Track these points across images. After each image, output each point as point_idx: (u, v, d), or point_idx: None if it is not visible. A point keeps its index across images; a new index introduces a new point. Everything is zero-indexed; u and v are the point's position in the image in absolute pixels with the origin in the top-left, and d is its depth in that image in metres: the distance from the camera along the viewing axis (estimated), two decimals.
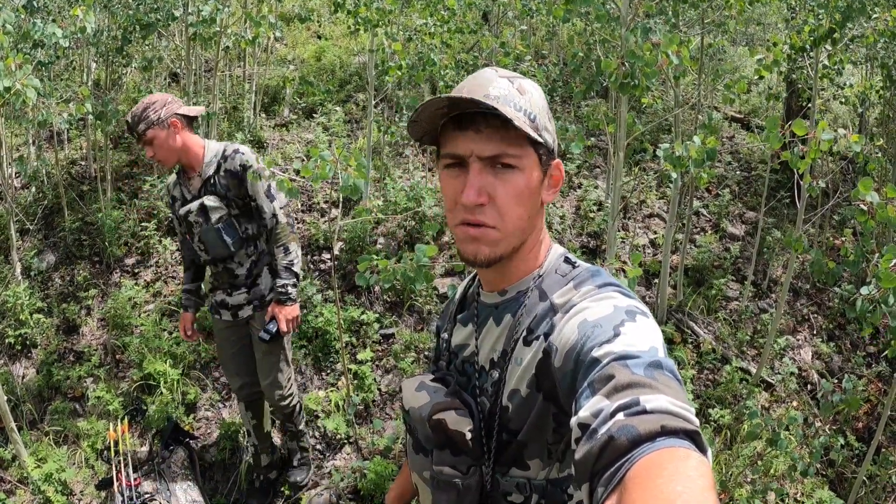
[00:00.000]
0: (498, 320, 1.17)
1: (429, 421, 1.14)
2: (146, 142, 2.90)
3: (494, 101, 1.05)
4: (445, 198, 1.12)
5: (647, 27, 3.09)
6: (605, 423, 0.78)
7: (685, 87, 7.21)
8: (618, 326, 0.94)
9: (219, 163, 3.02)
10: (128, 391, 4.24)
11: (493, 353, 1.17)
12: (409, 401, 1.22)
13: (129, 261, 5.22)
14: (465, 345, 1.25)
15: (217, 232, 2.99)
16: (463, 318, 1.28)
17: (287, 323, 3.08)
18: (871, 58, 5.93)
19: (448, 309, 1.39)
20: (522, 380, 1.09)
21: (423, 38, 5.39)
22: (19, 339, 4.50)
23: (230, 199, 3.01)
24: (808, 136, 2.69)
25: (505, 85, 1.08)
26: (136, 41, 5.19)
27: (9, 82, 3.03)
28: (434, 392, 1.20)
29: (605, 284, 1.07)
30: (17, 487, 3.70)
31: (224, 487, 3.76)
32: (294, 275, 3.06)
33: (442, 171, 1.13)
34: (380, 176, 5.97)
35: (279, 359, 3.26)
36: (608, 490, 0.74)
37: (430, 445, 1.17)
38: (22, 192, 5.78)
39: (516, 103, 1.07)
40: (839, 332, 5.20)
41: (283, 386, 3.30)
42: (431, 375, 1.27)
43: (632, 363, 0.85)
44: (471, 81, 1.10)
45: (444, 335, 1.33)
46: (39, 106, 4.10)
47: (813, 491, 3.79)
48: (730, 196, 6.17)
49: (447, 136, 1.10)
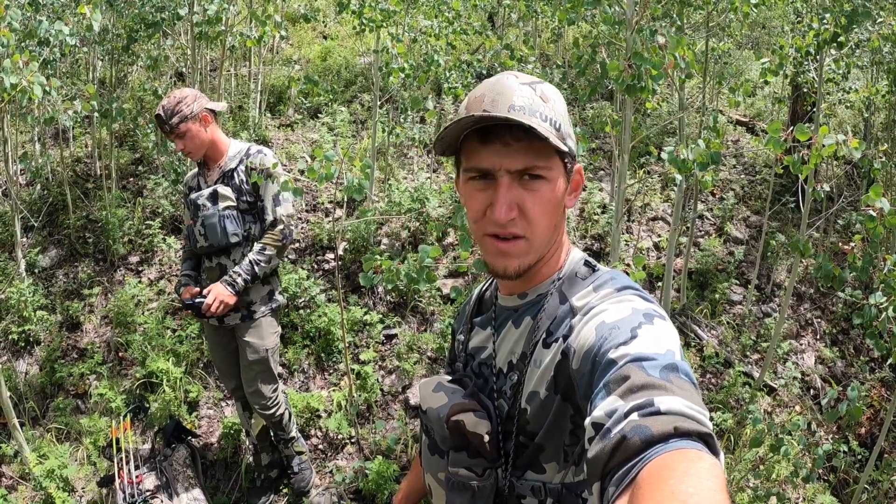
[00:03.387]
0: (517, 323, 1.17)
1: (447, 422, 1.14)
2: (178, 135, 2.98)
3: (520, 112, 1.03)
4: (470, 209, 1.11)
5: (653, 29, 3.09)
6: (619, 423, 0.79)
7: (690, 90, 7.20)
8: (635, 329, 0.93)
9: (241, 159, 3.10)
10: (130, 389, 4.24)
11: (512, 355, 1.16)
12: (427, 401, 1.21)
13: (133, 259, 5.23)
14: (483, 347, 1.24)
15: (220, 219, 3.04)
16: (481, 321, 1.28)
17: (216, 304, 3.01)
18: (877, 62, 5.91)
19: (464, 311, 1.38)
20: (541, 382, 1.08)
21: (428, 40, 5.39)
22: (23, 335, 4.50)
23: (243, 193, 3.07)
24: (810, 141, 2.68)
25: (528, 93, 1.06)
26: (142, 40, 5.20)
27: (15, 79, 3.03)
28: (452, 393, 1.20)
29: (625, 287, 1.07)
30: (19, 483, 3.70)
31: (225, 486, 3.76)
32: (252, 272, 3.04)
33: (465, 183, 1.11)
34: (384, 176, 5.97)
35: (262, 370, 3.25)
36: (619, 490, 0.74)
37: (446, 447, 1.17)
38: (27, 189, 5.79)
39: (542, 113, 1.05)
40: (842, 337, 5.19)
41: (266, 397, 3.29)
42: (448, 377, 1.27)
43: (647, 365, 0.85)
44: (491, 90, 1.07)
45: (460, 337, 1.32)
46: (45, 103, 4.10)
47: (815, 496, 3.78)
48: (734, 200, 6.16)
49: (471, 148, 1.09)
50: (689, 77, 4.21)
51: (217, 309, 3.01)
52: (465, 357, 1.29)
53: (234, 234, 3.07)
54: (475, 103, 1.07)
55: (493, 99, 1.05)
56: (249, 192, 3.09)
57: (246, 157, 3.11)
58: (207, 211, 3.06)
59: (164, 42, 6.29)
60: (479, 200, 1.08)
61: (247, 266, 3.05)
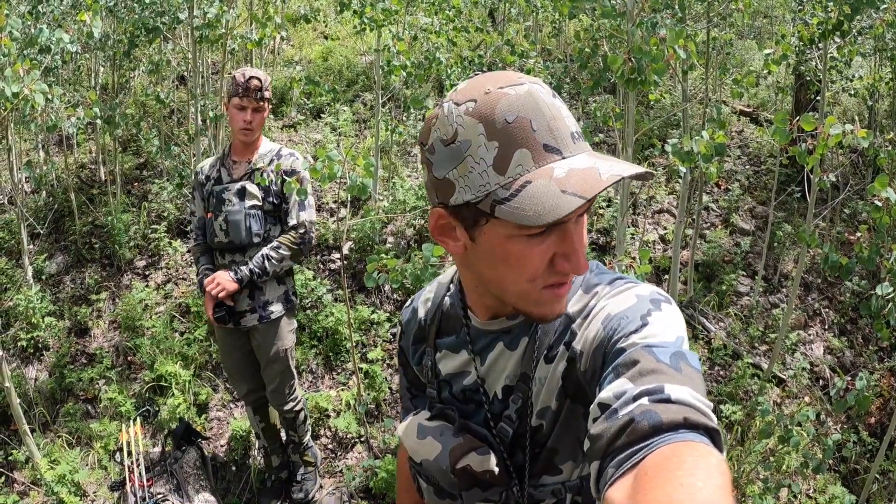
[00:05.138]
0: (512, 345, 1.09)
1: (453, 472, 1.07)
2: (259, 108, 3.02)
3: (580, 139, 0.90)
4: (524, 270, 0.92)
5: (653, 21, 3.08)
6: (628, 405, 0.78)
7: (693, 81, 7.17)
8: (645, 316, 0.92)
9: (272, 158, 3.11)
10: (139, 392, 4.26)
11: (508, 378, 1.09)
12: (419, 452, 1.13)
13: (140, 263, 5.25)
14: (463, 373, 1.15)
15: (245, 217, 3.04)
16: (450, 343, 1.17)
17: (214, 284, 3.03)
18: (880, 49, 5.88)
19: (410, 328, 1.28)
20: (550, 395, 1.04)
21: (428, 37, 5.39)
22: (31, 342, 4.52)
23: (270, 194, 3.08)
24: (816, 130, 2.67)
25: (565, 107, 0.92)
26: (143, 45, 5.21)
27: (17, 88, 3.04)
28: (441, 435, 1.12)
29: (615, 279, 1.05)
30: (31, 489, 3.72)
31: (236, 487, 3.78)
32: (262, 266, 3.05)
33: (512, 241, 0.91)
34: (388, 175, 5.97)
35: (282, 369, 3.26)
36: (619, 472, 0.74)
37: (456, 491, 1.10)
38: (32, 196, 5.81)
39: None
40: (851, 327, 5.16)
41: (287, 394, 3.30)
42: (426, 413, 1.18)
43: (658, 351, 0.85)
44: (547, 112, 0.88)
45: (425, 361, 1.22)
46: (48, 111, 4.12)
47: (825, 487, 3.77)
48: (739, 191, 6.14)
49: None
50: (692, 69, 4.19)
51: (213, 290, 3.01)
52: (438, 383, 1.19)
53: (257, 235, 3.07)
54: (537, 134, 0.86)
55: (556, 127, 0.88)
56: (277, 193, 3.09)
57: (277, 158, 3.11)
58: (233, 206, 3.04)
59: (165, 46, 6.30)
60: (539, 255, 0.91)
61: (258, 259, 3.05)
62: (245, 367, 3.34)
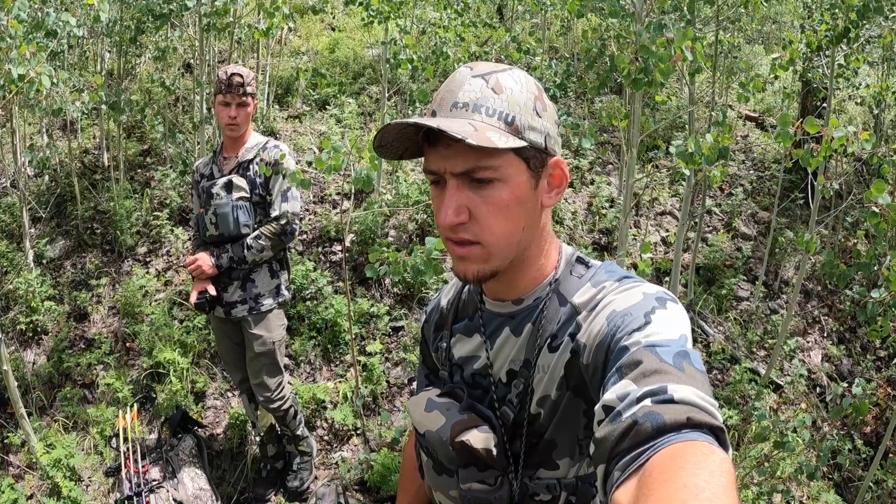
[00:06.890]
0: (517, 330, 1.11)
1: (452, 444, 1.08)
2: (243, 103, 3.05)
3: (462, 109, 0.98)
4: (434, 213, 1.04)
5: (661, 23, 3.07)
6: (631, 408, 0.78)
7: (700, 84, 7.16)
8: (649, 314, 0.92)
9: (258, 152, 3.15)
10: (137, 379, 4.26)
11: (513, 363, 1.11)
12: (423, 423, 1.14)
13: (141, 250, 5.24)
14: (474, 356, 1.18)
15: (233, 209, 3.07)
16: (464, 328, 1.21)
17: (193, 265, 3.13)
18: (888, 58, 5.87)
19: (432, 317, 1.31)
20: (551, 384, 1.05)
21: (436, 32, 5.38)
22: (30, 325, 4.53)
23: (256, 186, 3.12)
24: (820, 134, 2.66)
25: (477, 86, 0.99)
26: (150, 31, 5.20)
27: (23, 70, 3.04)
28: (447, 410, 1.13)
29: (624, 277, 1.06)
30: (26, 472, 3.73)
31: (231, 476, 3.78)
32: (241, 255, 3.10)
33: (430, 186, 1.05)
34: (392, 168, 5.96)
35: (268, 362, 3.26)
36: (625, 474, 0.74)
37: (454, 466, 1.11)
38: (35, 180, 5.81)
39: (489, 107, 0.98)
40: (849, 335, 5.16)
41: (272, 389, 3.29)
42: (437, 391, 1.20)
43: (661, 350, 0.85)
44: (446, 86, 1.02)
45: (441, 345, 1.25)
46: (53, 95, 4.12)
47: (819, 494, 3.77)
48: (742, 195, 6.13)
49: (426, 151, 1.03)
50: (699, 71, 4.18)
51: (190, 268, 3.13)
52: (450, 366, 1.22)
53: (246, 226, 3.10)
54: (433, 102, 1.03)
55: (443, 97, 1.01)
56: (263, 185, 3.13)
57: (262, 151, 3.15)
58: (221, 200, 3.09)
59: (171, 33, 6.29)
60: (436, 204, 1.03)
61: (237, 247, 3.10)
62: (238, 357, 3.36)
